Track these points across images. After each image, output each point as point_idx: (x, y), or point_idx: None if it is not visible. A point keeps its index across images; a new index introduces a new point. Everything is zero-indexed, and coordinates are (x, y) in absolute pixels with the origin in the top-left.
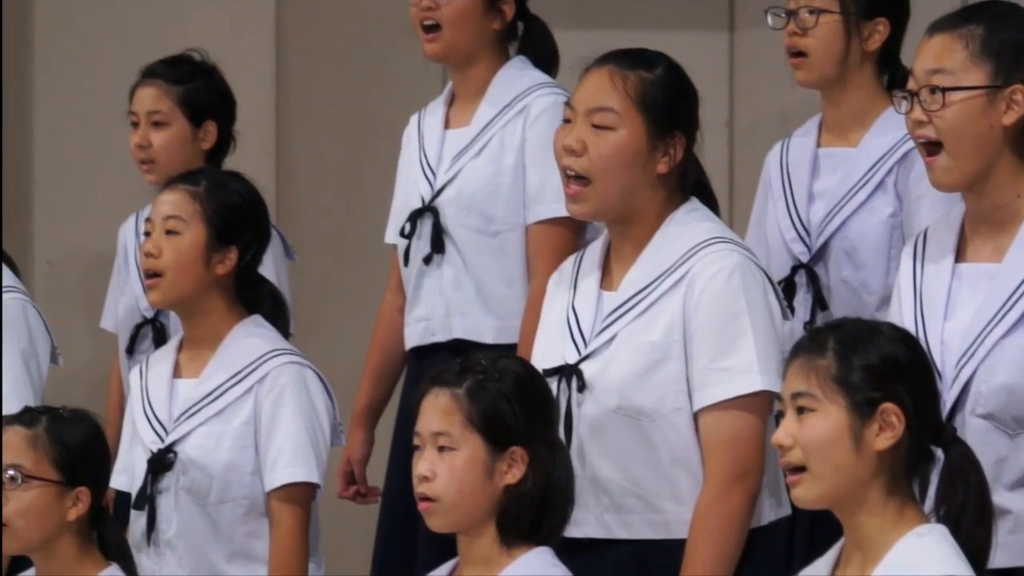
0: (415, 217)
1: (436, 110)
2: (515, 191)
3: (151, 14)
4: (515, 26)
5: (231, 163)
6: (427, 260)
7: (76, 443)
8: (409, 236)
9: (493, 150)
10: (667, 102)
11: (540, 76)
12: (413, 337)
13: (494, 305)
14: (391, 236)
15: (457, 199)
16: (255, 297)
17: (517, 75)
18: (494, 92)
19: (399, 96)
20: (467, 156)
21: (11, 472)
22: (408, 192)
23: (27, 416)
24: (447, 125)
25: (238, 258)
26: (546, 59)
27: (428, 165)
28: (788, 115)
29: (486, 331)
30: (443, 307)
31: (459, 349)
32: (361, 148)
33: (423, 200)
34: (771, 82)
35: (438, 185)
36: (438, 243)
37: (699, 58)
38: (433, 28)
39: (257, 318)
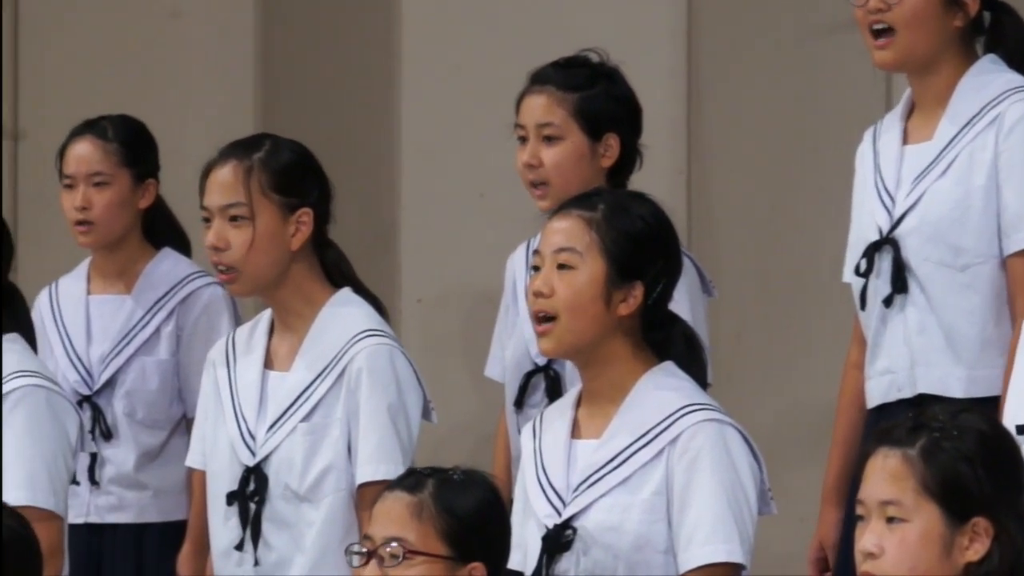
0: (872, 252)
1: (893, 125)
2: (987, 216)
3: (537, 11)
4: (981, 20)
5: (636, 182)
6: (887, 302)
7: (469, 512)
8: (866, 274)
9: (960, 169)
10: None
11: (1015, 79)
12: (876, 394)
13: (963, 352)
14: (848, 274)
15: (920, 228)
16: (665, 340)
17: (986, 78)
18: (959, 100)
19: (835, 104)
20: (930, 177)
21: (392, 546)
22: (863, 222)
23: (411, 480)
24: (905, 141)
25: (644, 295)
26: (1021, 56)
27: (885, 190)
28: None
29: (955, 383)
30: (908, 357)
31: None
32: (788, 165)
33: (880, 232)
34: None
35: (897, 213)
36: (899, 281)
37: None
38: (885, 32)
39: (669, 366)
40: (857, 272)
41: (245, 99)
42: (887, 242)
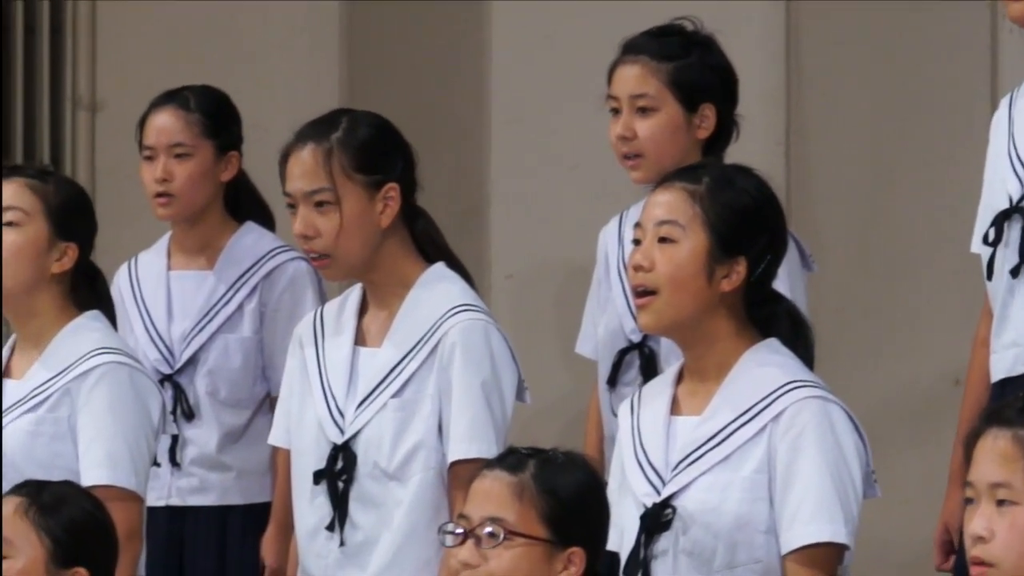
0: (1001, 220)
1: None
2: None
3: None
4: None
5: (732, 155)
6: (1015, 272)
7: (571, 494)
8: (995, 243)
9: None
10: None
11: None
12: (1000, 367)
13: None
14: (976, 244)
15: None
16: (769, 318)
17: None
18: None
19: (940, 72)
20: None
21: (491, 526)
22: (994, 190)
23: (512, 459)
24: None
25: (747, 271)
26: None
27: (1018, 157)
28: None
29: None
30: None
31: None
32: (891, 136)
33: (1011, 200)
34: None
35: None
36: None
37: None
38: None
39: (772, 343)
40: (985, 241)
41: (330, 70)
42: (1017, 211)
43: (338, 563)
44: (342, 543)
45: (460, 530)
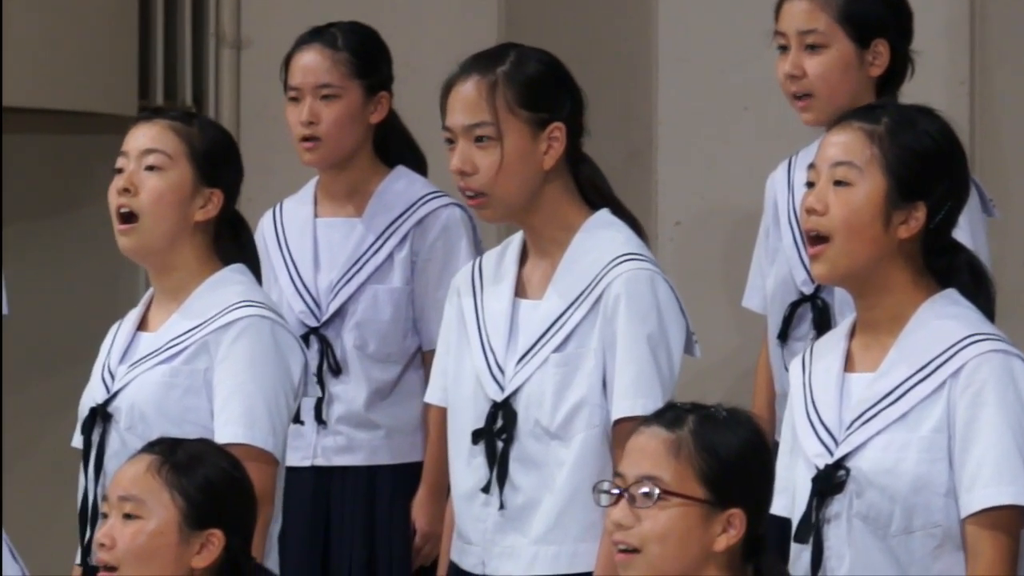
0: None
1: None
2: None
3: None
4: None
5: (909, 94)
6: None
7: (731, 453)
8: None
9: None
10: None
11: None
12: None
13: None
14: None
15: None
16: (948, 268)
17: None
18: None
19: None
20: None
21: (646, 485)
22: None
23: (670, 415)
24: None
25: (926, 217)
26: None
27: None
28: None
29: None
30: None
31: None
32: None
33: None
34: None
35: None
36: None
37: None
38: None
39: (951, 293)
40: None
41: (488, 5)
42: None
43: (497, 527)
44: (502, 506)
45: (615, 489)
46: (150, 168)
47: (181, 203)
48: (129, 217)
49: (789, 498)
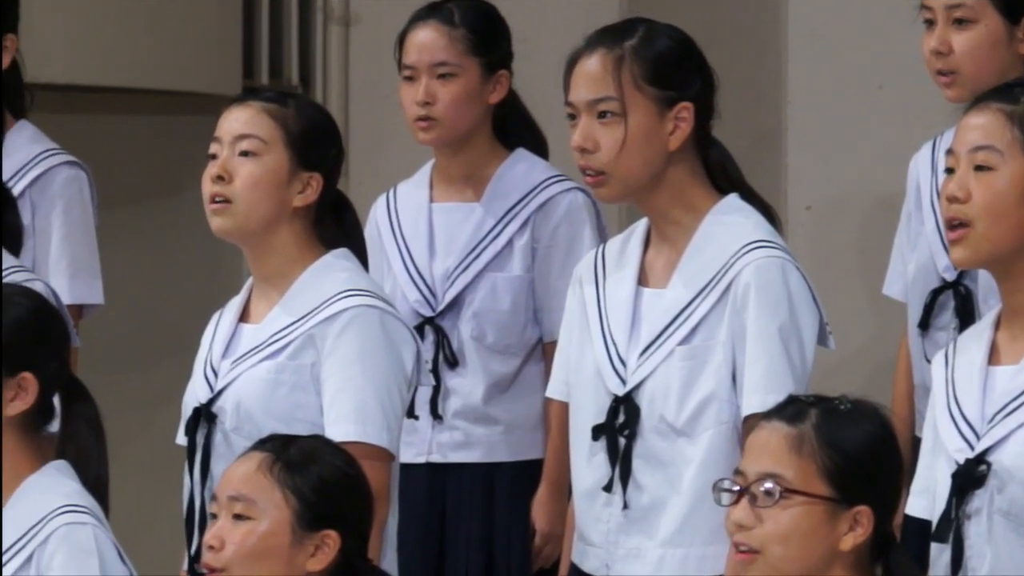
0: None
1: None
2: None
3: None
4: None
5: None
6: None
7: (857, 448)
8: None
9: None
10: None
11: None
12: None
13: None
14: None
15: None
16: None
17: None
18: None
19: None
20: None
21: (767, 483)
22: None
23: (791, 409)
24: None
25: None
26: None
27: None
28: None
29: None
30: None
31: None
32: None
33: None
34: None
35: None
36: None
37: None
38: None
39: None
40: None
41: None
42: None
43: (620, 528)
44: (625, 506)
45: (736, 487)
46: (244, 154)
47: (277, 189)
48: (223, 204)
49: (930, 499)
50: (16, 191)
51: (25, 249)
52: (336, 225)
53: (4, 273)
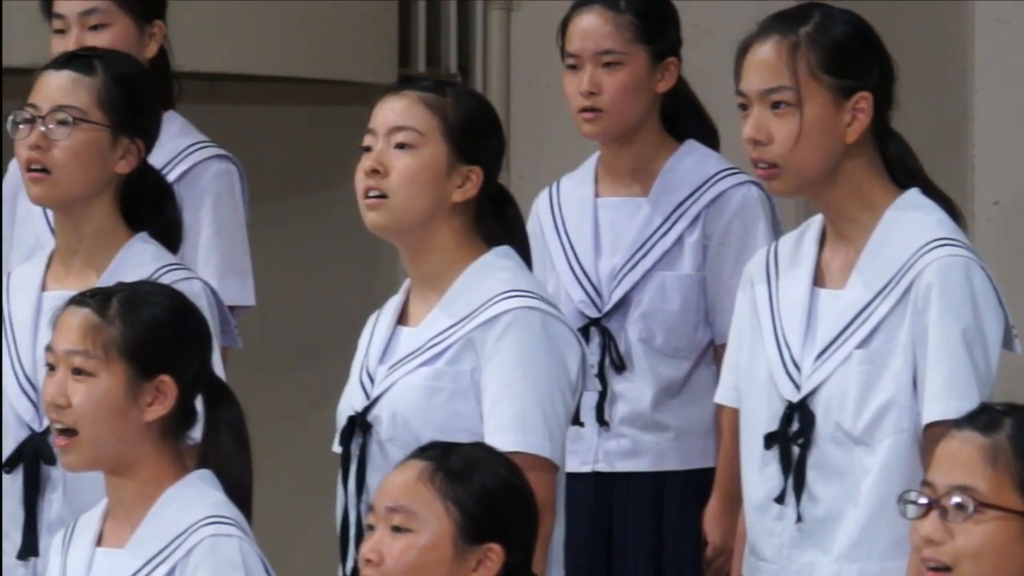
0: None
1: None
2: None
3: None
4: None
5: None
6: None
7: None
8: None
9: None
10: None
11: None
12: None
13: None
14: None
15: None
16: None
17: None
18: None
19: None
20: None
21: (959, 496)
22: None
23: (984, 418)
24: None
25: None
26: None
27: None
28: None
29: None
30: None
31: None
32: None
33: None
34: None
35: None
36: None
37: None
38: None
39: None
40: None
41: None
42: None
43: (794, 542)
44: (799, 518)
45: (924, 500)
46: (400, 146)
47: (436, 183)
48: (378, 199)
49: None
50: None
51: None
52: (497, 221)
53: (161, 270)
